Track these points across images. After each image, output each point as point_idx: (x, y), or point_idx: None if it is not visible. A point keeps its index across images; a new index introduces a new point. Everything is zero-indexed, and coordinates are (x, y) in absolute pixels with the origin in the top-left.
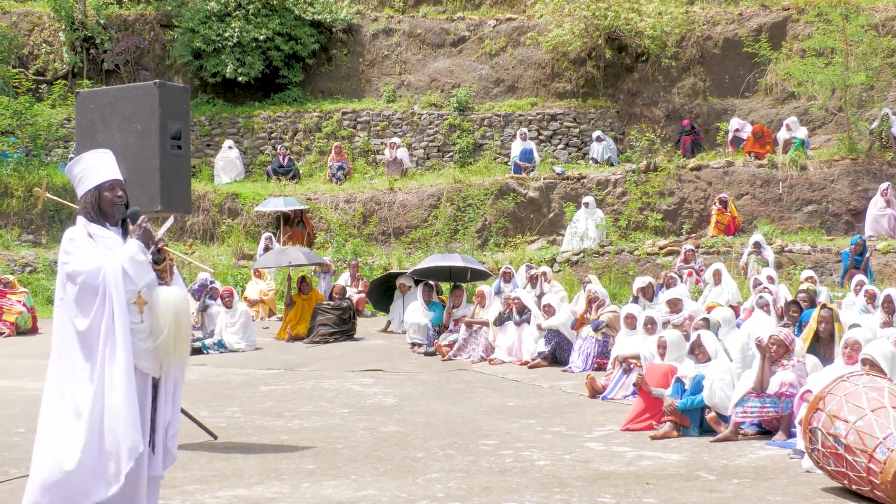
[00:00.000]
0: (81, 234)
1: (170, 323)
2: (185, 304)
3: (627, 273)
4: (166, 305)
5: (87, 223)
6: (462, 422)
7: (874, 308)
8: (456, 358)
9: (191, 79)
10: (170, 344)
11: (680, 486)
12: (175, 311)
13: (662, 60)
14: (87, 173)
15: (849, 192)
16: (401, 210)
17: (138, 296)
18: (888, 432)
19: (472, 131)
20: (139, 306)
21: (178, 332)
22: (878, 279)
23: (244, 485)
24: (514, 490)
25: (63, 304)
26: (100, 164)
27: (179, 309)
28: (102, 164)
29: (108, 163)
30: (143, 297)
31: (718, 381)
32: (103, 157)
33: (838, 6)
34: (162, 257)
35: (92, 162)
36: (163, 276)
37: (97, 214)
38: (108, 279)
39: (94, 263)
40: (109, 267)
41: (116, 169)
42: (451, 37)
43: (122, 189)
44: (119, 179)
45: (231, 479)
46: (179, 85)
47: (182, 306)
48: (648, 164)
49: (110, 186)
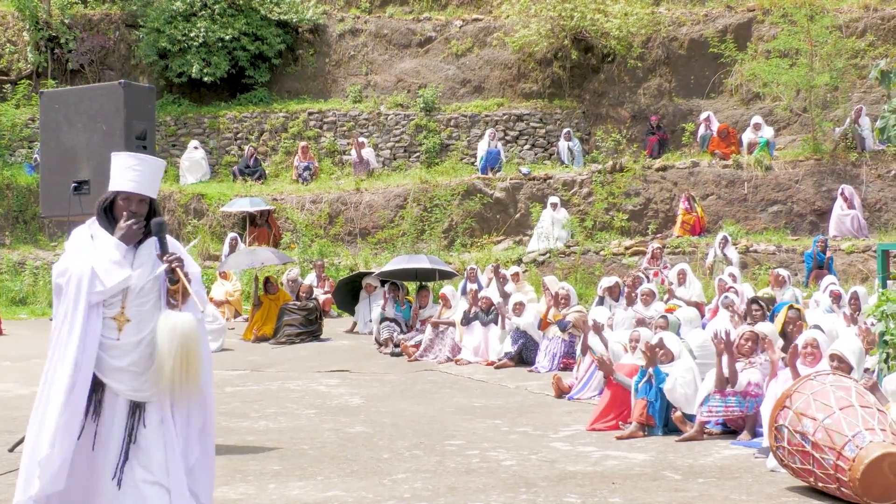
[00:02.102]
0: (83, 234)
1: (176, 351)
2: (195, 331)
3: (593, 273)
4: (172, 332)
5: (93, 223)
6: (428, 422)
7: (839, 308)
8: (422, 358)
9: (156, 79)
10: (176, 375)
11: (646, 486)
12: (182, 338)
13: (628, 61)
14: (116, 172)
15: (813, 193)
16: (367, 210)
17: (121, 311)
18: (856, 430)
19: (438, 132)
20: (118, 322)
21: (188, 360)
22: (842, 279)
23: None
24: (480, 490)
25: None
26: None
27: (188, 335)
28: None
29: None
30: (127, 315)
31: (680, 379)
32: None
33: (803, 7)
34: (176, 278)
35: (123, 165)
36: (175, 297)
37: (106, 218)
38: (72, 278)
39: (66, 264)
40: (77, 265)
41: (151, 185)
42: (418, 37)
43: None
44: (142, 196)
45: None
46: (145, 85)
47: (192, 332)
48: (614, 164)
49: (126, 197)
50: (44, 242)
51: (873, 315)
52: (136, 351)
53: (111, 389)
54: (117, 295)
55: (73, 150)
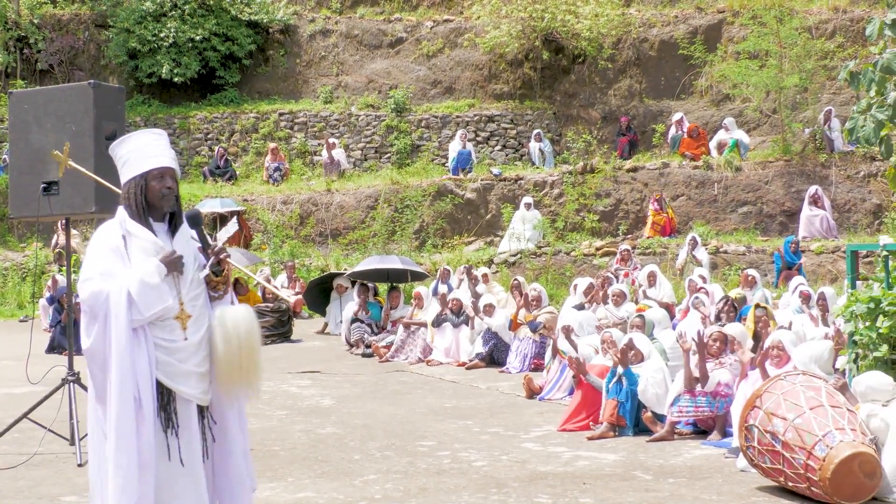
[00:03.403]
0: (109, 238)
1: (234, 344)
2: (252, 323)
3: (564, 274)
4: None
5: (125, 219)
6: (399, 423)
7: (809, 308)
8: (393, 359)
9: (126, 79)
10: (235, 369)
11: (616, 486)
12: (240, 331)
13: (599, 62)
14: (134, 156)
15: (783, 194)
16: (338, 211)
17: (181, 309)
18: (827, 430)
19: (409, 132)
20: (181, 322)
21: (249, 354)
22: (811, 280)
23: None
24: (451, 491)
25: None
26: (151, 146)
27: (246, 328)
28: (154, 147)
29: (160, 147)
30: (187, 311)
31: (651, 379)
32: (156, 139)
33: (772, 9)
34: (221, 269)
35: (141, 143)
36: (218, 288)
37: (141, 207)
38: (111, 304)
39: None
40: (114, 291)
41: (170, 155)
42: (389, 38)
43: (172, 178)
44: (171, 168)
45: None
46: (114, 85)
47: (250, 325)
48: (585, 165)
49: (160, 175)
50: (13, 244)
51: (842, 315)
52: (201, 350)
53: (182, 396)
54: (172, 289)
55: (42, 151)
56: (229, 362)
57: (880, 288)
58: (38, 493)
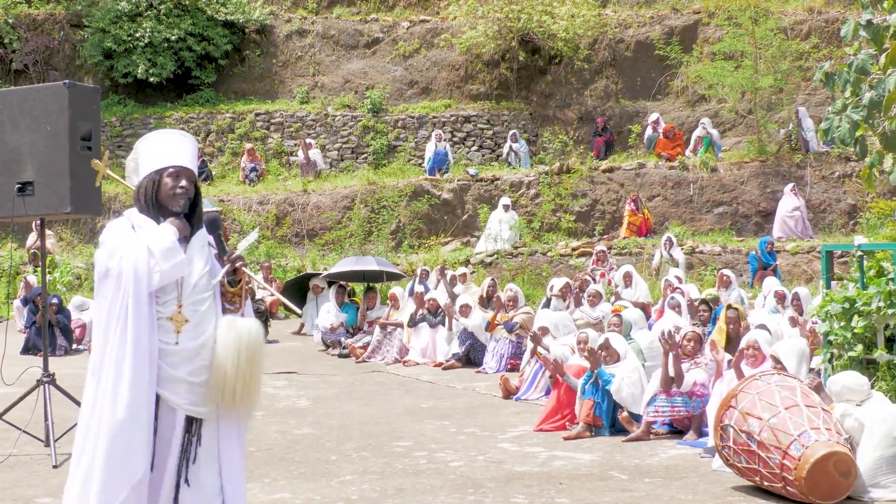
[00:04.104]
0: (122, 223)
1: (233, 359)
2: (257, 338)
3: (541, 274)
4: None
5: (132, 213)
6: (376, 423)
7: (784, 308)
8: (370, 360)
9: (101, 79)
10: (233, 385)
11: (592, 486)
12: (241, 346)
13: (575, 63)
14: (152, 153)
15: (758, 194)
16: (314, 212)
17: (178, 310)
18: (802, 429)
19: (386, 133)
20: (176, 324)
21: (249, 370)
22: (787, 280)
23: None
24: (427, 491)
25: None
26: (168, 145)
27: (250, 343)
28: (172, 146)
29: (179, 146)
30: (185, 315)
31: (626, 378)
32: (179, 138)
33: (748, 10)
34: (237, 279)
35: (163, 141)
36: (234, 301)
37: (151, 206)
38: (125, 262)
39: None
40: (130, 248)
41: (189, 155)
42: (365, 38)
43: (188, 179)
44: (187, 168)
45: None
46: (90, 85)
47: (254, 340)
48: (561, 165)
49: (175, 173)
50: None
51: (817, 315)
52: (196, 359)
53: (167, 402)
54: (172, 292)
55: (16, 151)
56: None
57: (855, 288)
58: (12, 495)
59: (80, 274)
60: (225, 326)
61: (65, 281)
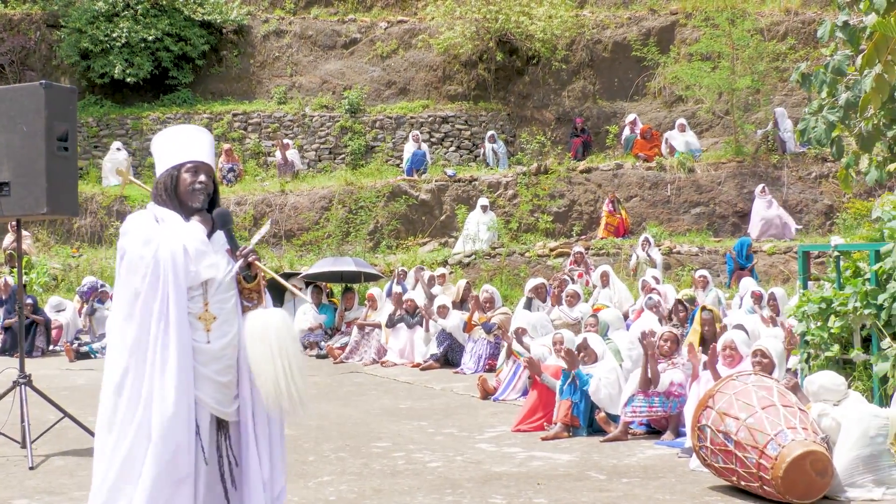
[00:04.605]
0: (146, 215)
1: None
2: (290, 330)
3: (518, 275)
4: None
5: (155, 206)
6: (354, 424)
7: (761, 308)
8: (348, 360)
9: (78, 79)
10: (280, 384)
11: (570, 486)
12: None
13: (553, 63)
14: (168, 149)
15: (735, 195)
16: (292, 212)
17: (205, 308)
18: (779, 429)
19: (363, 133)
20: (205, 322)
21: (290, 365)
22: (763, 280)
23: None
24: (405, 492)
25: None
26: (187, 140)
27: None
28: (189, 140)
29: (196, 140)
30: (212, 312)
31: (604, 379)
32: (197, 133)
33: (725, 11)
34: (253, 274)
35: (182, 136)
36: (251, 297)
37: (172, 200)
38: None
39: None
40: (167, 239)
41: (207, 150)
42: (343, 38)
43: (206, 174)
44: (206, 163)
45: None
46: (66, 86)
47: (287, 332)
48: (539, 166)
49: (194, 168)
50: None
51: (794, 316)
52: (223, 358)
53: (199, 402)
54: (198, 289)
55: None
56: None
57: (832, 288)
58: None
59: (57, 275)
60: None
61: (41, 282)
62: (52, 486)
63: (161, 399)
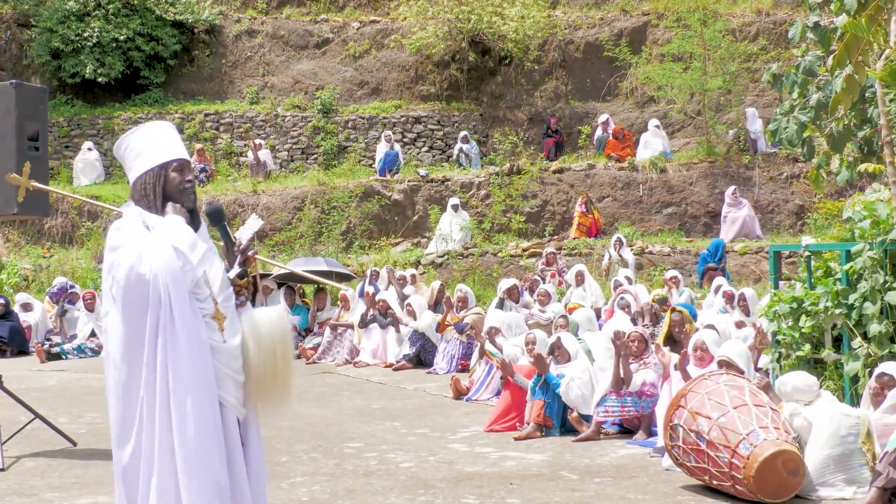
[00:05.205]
0: (133, 223)
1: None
2: (286, 327)
3: (491, 275)
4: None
5: (142, 212)
6: (326, 425)
7: (732, 308)
8: (320, 361)
9: (49, 79)
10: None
11: (543, 486)
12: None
13: (525, 64)
14: (147, 148)
15: (707, 195)
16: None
17: (216, 309)
18: (751, 428)
19: (336, 133)
20: (219, 322)
21: (284, 363)
22: (735, 280)
23: (104, 492)
24: (378, 493)
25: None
26: (165, 138)
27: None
28: (168, 138)
29: (174, 137)
30: (222, 311)
31: (576, 380)
32: (168, 130)
33: (696, 12)
34: (245, 271)
35: (157, 134)
36: (241, 294)
37: (161, 200)
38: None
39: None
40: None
41: (183, 146)
42: (315, 38)
43: (190, 172)
44: (189, 161)
45: (91, 485)
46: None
47: (284, 329)
48: (511, 166)
49: (180, 167)
50: None
51: (765, 315)
52: (239, 356)
53: (222, 402)
54: (205, 289)
55: None
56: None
57: (802, 288)
58: None
59: (28, 275)
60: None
61: (12, 282)
62: (23, 487)
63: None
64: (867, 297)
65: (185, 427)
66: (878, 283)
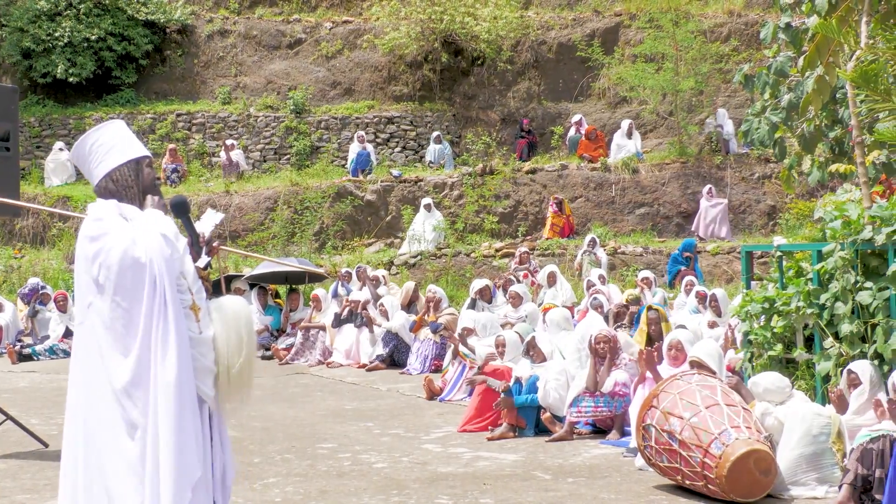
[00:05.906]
0: (110, 211)
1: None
2: (249, 310)
3: (464, 275)
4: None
5: (118, 204)
6: (300, 426)
7: (705, 308)
8: (293, 361)
9: (20, 79)
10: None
11: (516, 486)
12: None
13: (498, 64)
14: (117, 144)
15: (679, 195)
16: (237, 213)
17: (192, 301)
18: (722, 428)
19: (308, 134)
20: (195, 312)
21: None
22: (707, 280)
23: None
24: (352, 493)
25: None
26: (129, 136)
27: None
28: (132, 136)
29: (134, 136)
30: (197, 303)
31: (553, 382)
32: (127, 130)
33: (669, 13)
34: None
35: (121, 132)
36: (205, 285)
37: (137, 192)
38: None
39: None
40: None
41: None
42: (288, 38)
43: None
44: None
45: None
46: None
47: (249, 312)
48: (484, 167)
49: (150, 164)
50: None
51: (737, 315)
52: (212, 349)
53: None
54: (183, 280)
55: None
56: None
57: (774, 288)
58: None
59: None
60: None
61: None
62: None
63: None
64: (838, 297)
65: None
66: (850, 283)
